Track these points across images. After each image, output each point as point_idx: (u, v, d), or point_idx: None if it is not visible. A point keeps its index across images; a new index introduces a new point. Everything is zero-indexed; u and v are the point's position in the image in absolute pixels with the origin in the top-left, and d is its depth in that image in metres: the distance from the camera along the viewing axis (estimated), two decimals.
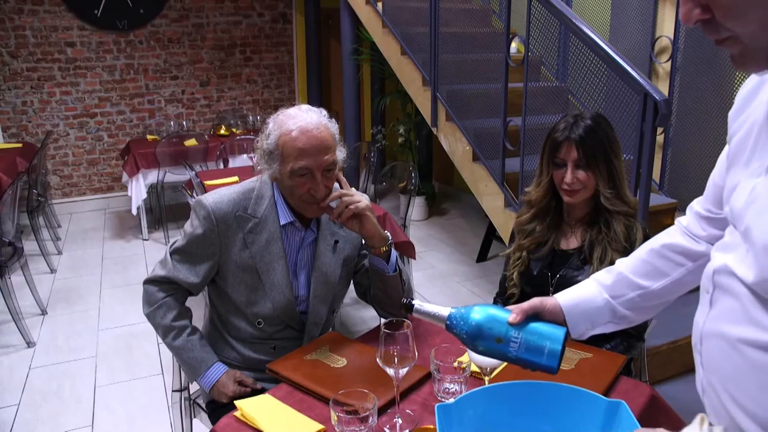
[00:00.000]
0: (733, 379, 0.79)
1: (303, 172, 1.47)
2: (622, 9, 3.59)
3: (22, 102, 5.55)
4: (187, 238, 1.57)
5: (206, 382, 1.58)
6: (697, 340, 0.87)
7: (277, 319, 1.60)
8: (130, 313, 3.56)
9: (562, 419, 0.99)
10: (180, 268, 1.57)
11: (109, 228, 5.34)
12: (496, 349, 1.03)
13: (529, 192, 1.77)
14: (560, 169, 1.64)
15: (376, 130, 5.64)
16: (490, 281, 3.94)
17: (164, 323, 1.59)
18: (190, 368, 1.59)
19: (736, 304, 0.79)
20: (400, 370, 1.17)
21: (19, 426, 2.53)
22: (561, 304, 1.09)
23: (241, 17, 6.23)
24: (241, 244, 1.55)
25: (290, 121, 1.48)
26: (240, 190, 1.59)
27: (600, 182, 1.61)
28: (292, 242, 1.61)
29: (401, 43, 4.02)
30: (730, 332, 0.79)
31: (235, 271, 1.57)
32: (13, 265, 3.32)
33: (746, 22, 0.67)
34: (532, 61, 3.20)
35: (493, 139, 3.18)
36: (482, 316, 1.04)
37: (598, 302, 1.09)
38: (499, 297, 1.88)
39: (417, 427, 1.18)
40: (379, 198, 3.95)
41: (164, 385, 2.81)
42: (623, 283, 1.09)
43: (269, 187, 1.59)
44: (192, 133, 5.24)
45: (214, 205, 1.54)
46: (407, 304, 1.11)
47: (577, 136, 1.60)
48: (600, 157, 1.60)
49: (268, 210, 1.57)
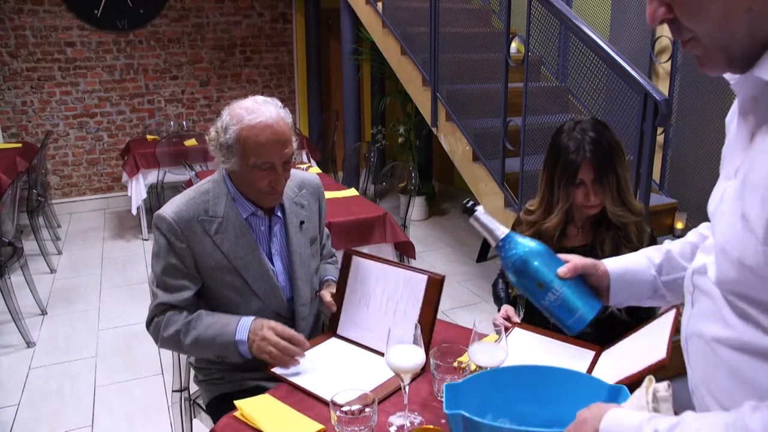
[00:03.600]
0: (711, 377, 0.80)
1: (266, 166, 1.48)
2: (622, 9, 3.59)
3: (22, 102, 5.55)
4: (163, 260, 1.51)
5: (240, 335, 1.46)
6: (683, 341, 0.88)
7: (268, 310, 1.60)
8: (129, 313, 3.56)
9: (565, 403, 0.99)
10: (173, 291, 1.51)
11: (109, 228, 5.34)
12: (533, 291, 1.03)
13: (534, 215, 1.69)
14: (578, 188, 1.58)
15: (376, 130, 5.64)
16: (490, 281, 3.93)
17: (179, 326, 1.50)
18: (221, 335, 1.47)
19: (711, 304, 0.80)
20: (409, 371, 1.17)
21: (19, 426, 2.53)
22: (609, 271, 1.08)
23: (241, 17, 6.23)
24: (211, 247, 1.53)
25: (249, 116, 1.46)
26: (194, 195, 1.56)
27: (607, 199, 1.56)
28: (259, 232, 1.61)
29: (401, 43, 4.02)
30: (706, 331, 0.80)
31: (216, 277, 1.55)
32: (13, 265, 3.32)
33: (702, 20, 0.68)
34: (532, 61, 3.20)
35: (493, 139, 3.18)
36: (536, 256, 1.03)
37: (644, 276, 1.08)
38: (500, 299, 1.87)
39: (417, 427, 1.17)
40: (379, 198, 3.95)
41: (164, 385, 2.81)
42: (671, 263, 1.08)
43: (223, 185, 1.57)
44: (192, 133, 5.24)
45: (175, 216, 1.50)
46: (469, 207, 1.07)
47: (590, 154, 1.54)
48: (610, 172, 1.55)
49: (228, 207, 1.55)
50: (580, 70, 2.74)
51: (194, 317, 1.52)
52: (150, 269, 1.86)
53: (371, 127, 5.91)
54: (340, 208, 2.95)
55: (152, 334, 1.56)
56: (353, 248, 1.67)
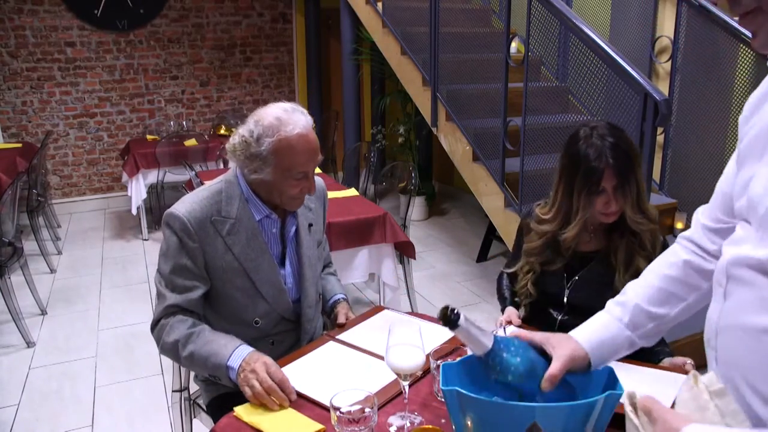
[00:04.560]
0: (756, 370, 0.78)
1: (300, 176, 1.50)
2: (622, 9, 3.59)
3: (22, 102, 5.55)
4: (172, 259, 1.49)
5: (233, 361, 1.39)
6: (711, 336, 0.86)
7: (274, 313, 1.60)
8: (129, 313, 3.56)
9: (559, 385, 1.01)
10: (181, 291, 1.48)
11: (109, 228, 5.34)
12: (510, 394, 1.02)
13: (550, 224, 1.62)
14: (599, 196, 1.51)
15: (376, 130, 5.64)
16: (490, 281, 3.94)
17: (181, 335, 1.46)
18: (215, 356, 1.41)
19: (754, 293, 0.78)
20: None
21: (18, 426, 2.53)
22: (588, 352, 1.06)
23: (241, 17, 6.23)
24: (222, 248, 1.51)
25: (285, 128, 1.45)
26: (207, 194, 1.54)
27: (627, 206, 1.51)
28: (270, 235, 1.60)
29: (401, 42, 4.02)
30: (751, 323, 0.78)
31: (225, 278, 1.53)
32: (13, 265, 3.32)
33: None
34: (532, 61, 3.20)
35: (493, 139, 3.18)
36: (518, 377, 0.99)
37: (620, 338, 1.08)
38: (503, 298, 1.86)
39: (417, 427, 1.17)
40: (379, 198, 3.95)
41: (164, 385, 2.81)
42: (641, 317, 1.08)
43: (236, 186, 1.56)
44: (192, 133, 5.24)
45: (188, 215, 1.47)
46: (453, 319, 0.96)
47: (612, 161, 1.47)
48: (631, 178, 1.50)
49: (240, 208, 1.54)
50: (580, 70, 2.74)
51: (196, 331, 1.46)
52: (153, 269, 1.85)
53: (371, 127, 5.91)
54: (340, 208, 2.94)
55: (155, 336, 1.53)
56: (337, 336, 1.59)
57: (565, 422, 0.89)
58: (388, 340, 1.17)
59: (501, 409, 0.92)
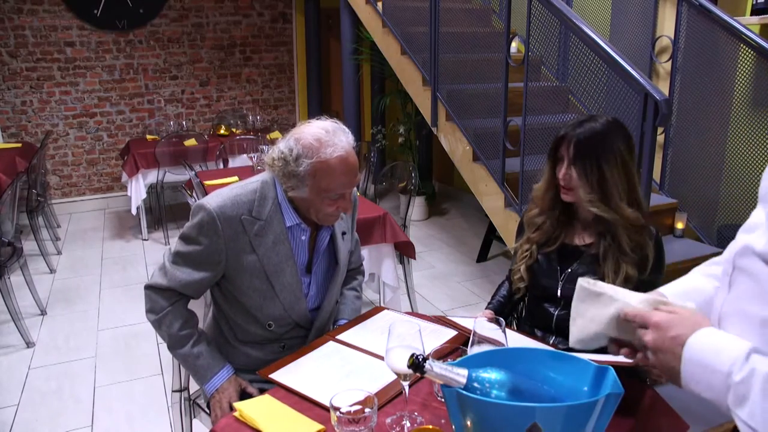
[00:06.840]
0: None
1: (336, 196, 1.49)
2: (622, 9, 3.58)
3: (22, 102, 5.55)
4: (190, 245, 1.51)
5: (209, 388, 1.55)
6: (714, 323, 0.87)
7: (288, 319, 1.60)
8: (129, 313, 3.56)
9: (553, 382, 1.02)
10: (181, 277, 1.51)
11: (109, 228, 5.34)
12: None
13: (536, 187, 1.75)
14: (558, 164, 1.62)
15: (376, 130, 5.64)
16: (490, 281, 3.94)
17: (171, 332, 1.54)
18: (197, 374, 1.56)
19: (756, 284, 0.80)
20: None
21: (18, 426, 2.53)
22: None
23: (240, 17, 6.23)
24: (248, 247, 1.51)
25: (324, 150, 1.44)
26: (242, 191, 1.53)
27: (582, 186, 1.55)
28: (299, 242, 1.59)
29: (401, 42, 4.02)
30: (752, 311, 0.80)
31: (245, 277, 1.53)
32: (13, 265, 3.31)
33: None
34: (533, 60, 3.20)
35: (493, 139, 3.18)
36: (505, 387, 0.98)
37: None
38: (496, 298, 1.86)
39: (417, 427, 1.17)
40: (379, 198, 3.94)
41: (164, 385, 2.81)
42: None
43: (272, 188, 1.55)
44: (192, 133, 5.24)
45: (218, 210, 1.47)
46: (419, 364, 0.96)
47: (575, 134, 1.56)
48: (590, 161, 1.54)
49: (272, 211, 1.53)
50: (581, 70, 2.73)
51: (192, 338, 1.55)
52: (152, 269, 1.85)
53: (371, 127, 5.91)
54: None
55: (148, 306, 1.57)
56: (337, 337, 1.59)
57: (565, 422, 0.89)
58: (388, 340, 1.16)
59: (501, 409, 0.92)
